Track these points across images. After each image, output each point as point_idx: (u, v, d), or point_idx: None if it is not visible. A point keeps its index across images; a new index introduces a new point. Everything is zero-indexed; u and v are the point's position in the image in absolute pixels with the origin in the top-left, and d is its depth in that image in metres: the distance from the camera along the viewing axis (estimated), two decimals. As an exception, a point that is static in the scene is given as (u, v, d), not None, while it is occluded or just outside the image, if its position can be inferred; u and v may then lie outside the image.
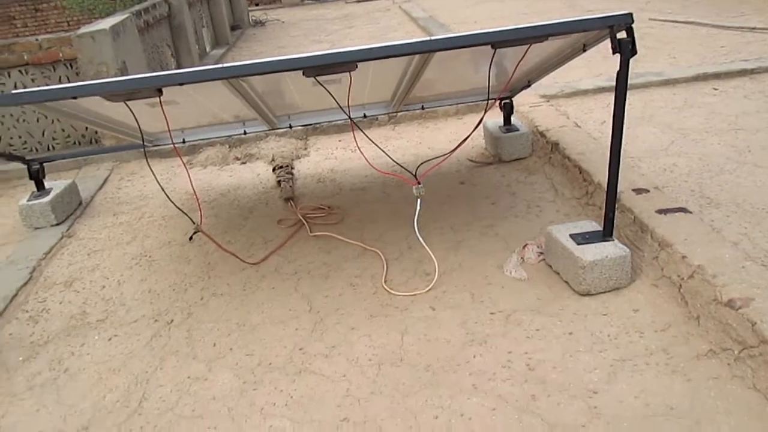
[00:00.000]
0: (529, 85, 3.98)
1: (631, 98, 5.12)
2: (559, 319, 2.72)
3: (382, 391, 2.42)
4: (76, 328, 3.06)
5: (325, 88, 2.85)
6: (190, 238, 3.32)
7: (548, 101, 4.96)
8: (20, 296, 3.40)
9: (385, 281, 3.12)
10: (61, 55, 4.82)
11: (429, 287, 3.03)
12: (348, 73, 2.78)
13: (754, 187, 3.42)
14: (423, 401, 2.35)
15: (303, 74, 2.71)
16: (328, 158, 4.83)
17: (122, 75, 4.83)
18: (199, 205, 3.30)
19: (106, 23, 4.82)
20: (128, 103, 2.76)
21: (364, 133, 3.38)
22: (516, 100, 4.43)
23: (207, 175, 4.78)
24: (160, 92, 2.67)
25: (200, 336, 2.88)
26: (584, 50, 3.07)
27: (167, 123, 2.85)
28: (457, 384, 2.42)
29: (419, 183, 3.11)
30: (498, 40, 2.58)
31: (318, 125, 5.06)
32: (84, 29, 4.70)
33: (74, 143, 5.21)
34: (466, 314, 2.82)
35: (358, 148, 3.28)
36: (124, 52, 4.92)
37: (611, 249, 2.81)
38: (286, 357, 2.67)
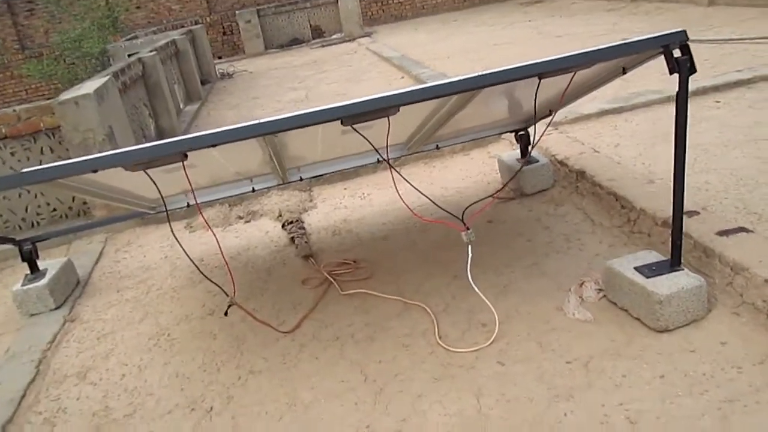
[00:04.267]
0: (550, 114, 3.84)
1: (637, 117, 5.06)
2: (644, 361, 2.50)
3: (475, 468, 2.15)
4: (101, 428, 2.71)
5: (362, 135, 2.65)
6: (226, 313, 3.02)
7: (556, 128, 4.85)
8: (29, 396, 3.02)
9: (440, 337, 2.87)
10: (42, 124, 4.50)
11: (491, 340, 2.78)
12: (386, 118, 2.59)
13: (799, 198, 3.31)
14: (525, 474, 2.09)
15: (341, 123, 2.50)
16: (338, 208, 4.60)
17: (110, 141, 4.54)
18: (230, 274, 3.01)
19: (88, 87, 4.54)
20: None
21: (402, 176, 3.17)
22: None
23: (211, 239, 4.47)
24: (185, 156, 2.42)
25: (248, 423, 2.57)
26: (624, 73, 2.94)
27: (190, 185, 2.60)
28: (556, 450, 2.17)
29: (468, 228, 2.90)
30: (548, 70, 2.41)
31: (327, 175, 4.78)
32: (66, 95, 4.41)
33: (60, 217, 4.86)
34: (540, 366, 2.58)
35: (398, 194, 3.10)
36: (109, 116, 4.63)
37: (685, 279, 2.62)
38: (353, 438, 2.38)
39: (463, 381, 2.58)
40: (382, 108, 2.44)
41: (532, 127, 4.16)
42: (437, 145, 4.11)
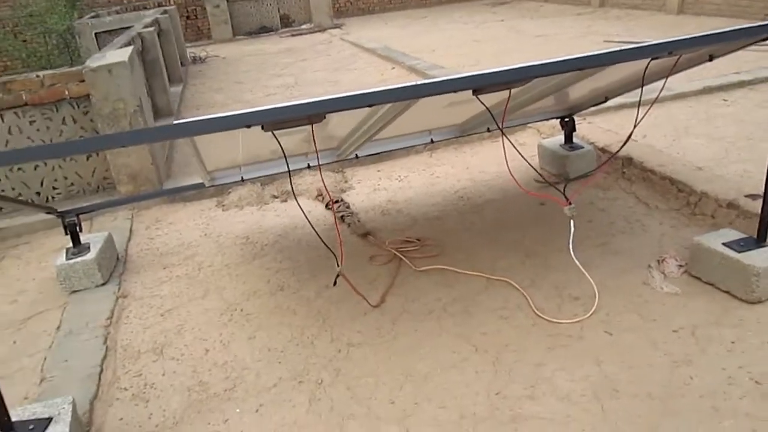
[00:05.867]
0: (605, 101, 3.97)
1: (653, 112, 5.26)
2: (746, 329, 2.63)
3: (624, 428, 2.20)
4: (203, 402, 2.59)
5: (484, 105, 2.65)
6: (335, 283, 2.95)
7: (584, 118, 5.00)
8: (107, 372, 2.85)
9: (538, 310, 2.91)
10: (66, 92, 4.22)
11: (591, 311, 2.85)
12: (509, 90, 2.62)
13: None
14: (676, 430, 2.16)
15: (472, 93, 2.51)
16: (377, 189, 4.56)
17: (140, 114, 4.32)
18: (341, 245, 2.94)
19: (118, 55, 4.29)
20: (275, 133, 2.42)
21: (515, 147, 3.17)
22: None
23: (249, 217, 4.35)
24: (323, 117, 2.36)
25: (367, 394, 2.52)
26: (710, 60, 3.09)
27: (316, 149, 2.52)
28: (695, 409, 2.25)
29: (570, 203, 2.96)
30: (681, 48, 2.50)
31: (383, 153, 4.59)
32: (96, 62, 4.15)
33: (78, 192, 4.57)
34: (649, 335, 2.67)
35: (507, 165, 3.08)
36: (137, 87, 4.41)
37: (776, 254, 2.78)
38: (487, 404, 2.39)
39: (577, 350, 2.63)
40: (516, 80, 2.46)
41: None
42: (488, 128, 4.17)
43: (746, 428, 2.14)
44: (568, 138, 4.30)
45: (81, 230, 3.60)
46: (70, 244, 3.62)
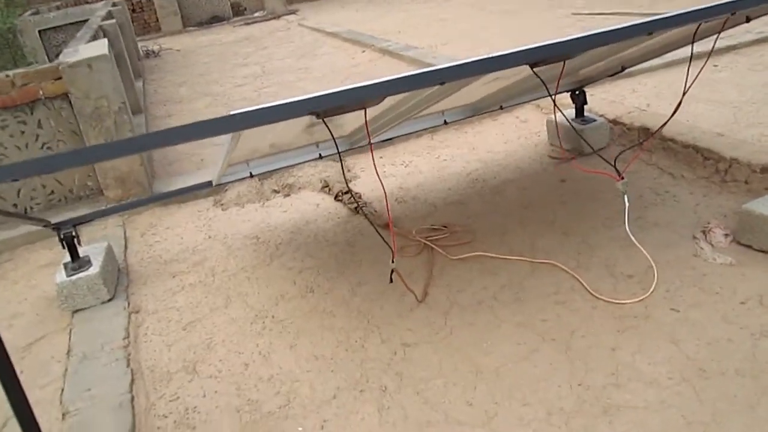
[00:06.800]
0: (622, 71, 3.85)
1: (647, 80, 5.24)
2: (817, 295, 2.57)
3: (723, 409, 2.09)
4: (258, 423, 2.35)
5: (539, 78, 2.48)
6: (391, 280, 2.73)
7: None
8: (139, 398, 2.57)
9: (595, 291, 2.78)
10: (41, 92, 3.82)
11: (652, 289, 2.74)
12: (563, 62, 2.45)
13: None
14: (781, 410, 2.06)
15: (530, 67, 2.33)
16: (385, 177, 4.34)
17: (125, 112, 3.97)
18: (393, 239, 2.72)
19: (97, 47, 3.91)
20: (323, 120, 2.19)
21: (561, 111, 3.01)
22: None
23: (253, 215, 4.07)
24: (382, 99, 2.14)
25: (440, 397, 2.34)
26: (747, 21, 2.99)
27: (368, 133, 2.30)
28: (791, 384, 2.16)
29: (623, 178, 2.82)
30: (739, 7, 2.37)
31: (390, 139, 4.35)
32: (73, 56, 3.77)
33: (59, 201, 4.19)
34: (717, 309, 2.57)
35: (558, 138, 2.91)
36: (119, 82, 4.05)
37: (833, 216, 2.73)
38: (573, 397, 2.24)
39: (648, 330, 2.51)
40: (567, 52, 2.30)
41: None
42: (501, 106, 4.00)
43: None
44: (580, 111, 4.18)
45: (80, 243, 3.26)
46: (64, 258, 3.29)
